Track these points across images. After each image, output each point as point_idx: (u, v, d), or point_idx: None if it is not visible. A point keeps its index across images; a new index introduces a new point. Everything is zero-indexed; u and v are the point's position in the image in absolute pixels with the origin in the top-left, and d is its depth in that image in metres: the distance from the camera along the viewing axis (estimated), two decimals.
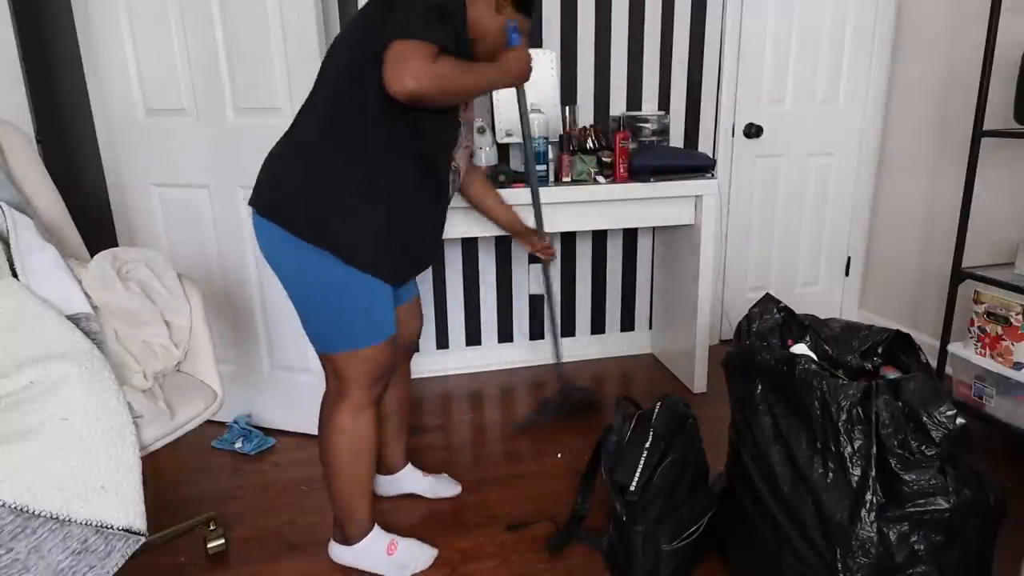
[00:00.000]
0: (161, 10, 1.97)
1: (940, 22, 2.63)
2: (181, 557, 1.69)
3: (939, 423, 1.22)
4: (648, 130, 2.59)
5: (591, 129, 2.46)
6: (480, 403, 2.54)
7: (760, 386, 1.44)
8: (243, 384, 2.29)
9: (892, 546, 1.25)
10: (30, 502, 1.04)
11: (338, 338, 1.42)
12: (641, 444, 1.55)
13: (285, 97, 1.92)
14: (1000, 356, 2.04)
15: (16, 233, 1.34)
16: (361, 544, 1.59)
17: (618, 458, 1.56)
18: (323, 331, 1.43)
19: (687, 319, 2.56)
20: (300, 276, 1.39)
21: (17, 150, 1.56)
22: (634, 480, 1.51)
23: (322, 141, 1.35)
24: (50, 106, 2.21)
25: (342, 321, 1.40)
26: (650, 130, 2.59)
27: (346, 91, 1.34)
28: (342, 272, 1.36)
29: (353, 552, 1.60)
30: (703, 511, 1.57)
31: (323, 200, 1.34)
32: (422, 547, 1.65)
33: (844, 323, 1.62)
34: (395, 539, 1.63)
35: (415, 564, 1.62)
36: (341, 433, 1.49)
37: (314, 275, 1.37)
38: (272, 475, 2.05)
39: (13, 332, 1.20)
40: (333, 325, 1.41)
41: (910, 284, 2.87)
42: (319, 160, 1.35)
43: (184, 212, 2.16)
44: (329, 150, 1.35)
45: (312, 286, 1.38)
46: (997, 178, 2.40)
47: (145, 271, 1.47)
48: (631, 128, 2.57)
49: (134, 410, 1.25)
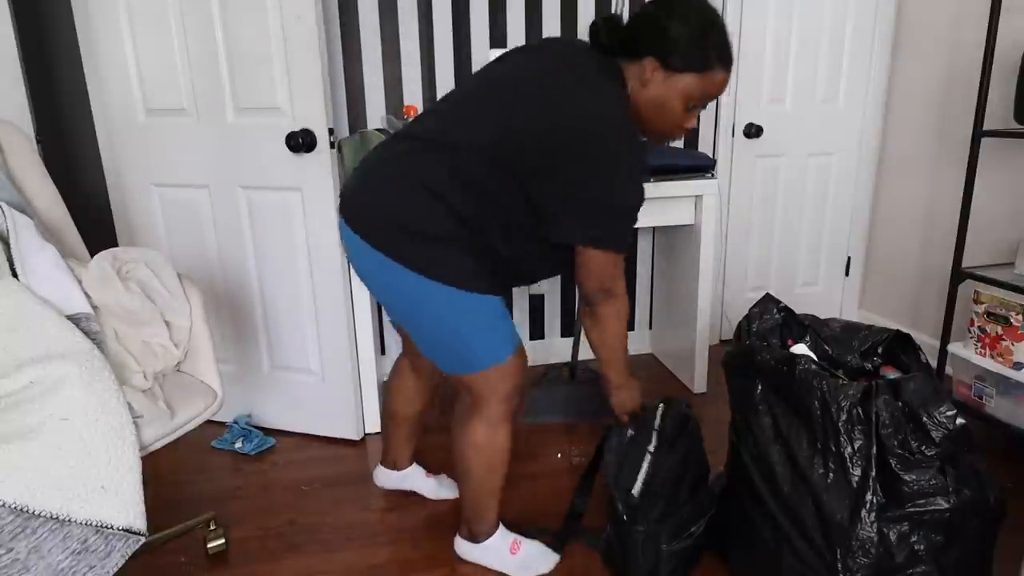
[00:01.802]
0: (161, 10, 1.97)
1: (940, 22, 2.63)
2: (181, 557, 1.69)
3: (939, 423, 1.22)
4: None
5: None
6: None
7: (760, 386, 1.44)
8: (243, 384, 2.29)
9: (892, 546, 1.25)
10: (30, 502, 1.04)
11: (481, 356, 1.40)
12: (644, 446, 1.55)
13: (285, 97, 1.92)
14: (1000, 356, 2.04)
15: (16, 233, 1.34)
16: (488, 542, 1.61)
17: (621, 460, 1.56)
18: (450, 356, 1.41)
19: (687, 319, 2.55)
20: (419, 309, 1.35)
21: (17, 150, 1.56)
22: (637, 483, 1.51)
23: (450, 188, 1.28)
24: (50, 106, 2.21)
25: (468, 344, 1.38)
26: None
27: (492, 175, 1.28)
28: (458, 298, 1.32)
29: (480, 549, 1.62)
30: (703, 511, 1.57)
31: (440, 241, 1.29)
32: (544, 550, 1.64)
33: (844, 323, 1.62)
34: (518, 539, 1.64)
35: (538, 566, 1.61)
36: (477, 448, 1.48)
37: (432, 307, 1.33)
38: (272, 475, 2.05)
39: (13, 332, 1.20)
40: (460, 349, 1.39)
41: (910, 284, 2.87)
42: (446, 206, 1.28)
43: (184, 212, 2.16)
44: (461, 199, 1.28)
45: (432, 317, 1.35)
46: (997, 178, 2.40)
47: (145, 271, 1.47)
48: None
49: (134, 410, 1.25)
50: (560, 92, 1.26)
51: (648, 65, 1.28)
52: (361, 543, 1.72)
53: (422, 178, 1.29)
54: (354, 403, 2.19)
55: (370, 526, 1.80)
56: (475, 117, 1.30)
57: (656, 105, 1.31)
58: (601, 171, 1.25)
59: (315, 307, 2.12)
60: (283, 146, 1.94)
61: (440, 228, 1.29)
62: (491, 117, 1.28)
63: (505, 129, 1.26)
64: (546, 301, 2.86)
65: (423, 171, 1.29)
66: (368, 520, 1.82)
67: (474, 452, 1.48)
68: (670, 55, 1.26)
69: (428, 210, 1.28)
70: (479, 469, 1.50)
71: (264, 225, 2.08)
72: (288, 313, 2.15)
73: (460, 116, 1.32)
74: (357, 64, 2.44)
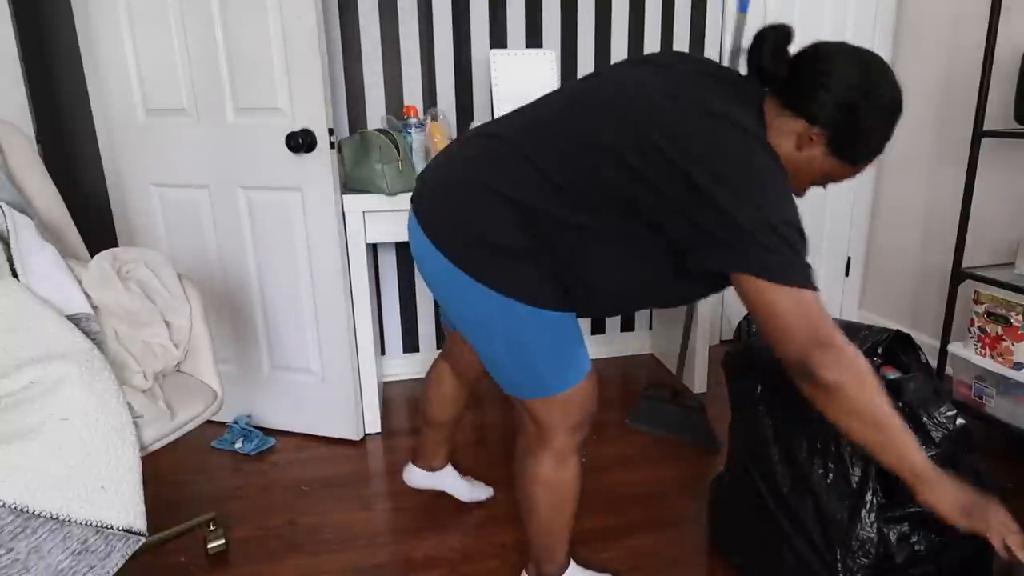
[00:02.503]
0: (161, 10, 1.97)
1: (940, 22, 2.63)
2: (181, 557, 1.69)
3: (939, 423, 1.22)
4: None
5: None
6: (480, 403, 2.53)
7: (760, 386, 1.44)
8: (243, 384, 2.29)
9: (892, 546, 1.25)
10: (30, 502, 1.04)
11: (550, 381, 1.25)
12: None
13: (285, 97, 1.92)
14: (1000, 356, 2.04)
15: (16, 233, 1.34)
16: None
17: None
18: (516, 377, 1.27)
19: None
20: (487, 324, 1.22)
21: (17, 150, 1.56)
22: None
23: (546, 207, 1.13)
24: (50, 106, 2.21)
25: (535, 366, 1.23)
26: None
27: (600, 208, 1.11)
28: (528, 316, 1.19)
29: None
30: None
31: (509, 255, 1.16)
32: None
33: (844, 323, 1.62)
34: (591, 574, 1.51)
35: None
36: (543, 484, 1.35)
37: (501, 323, 1.20)
38: (272, 475, 2.05)
39: (13, 332, 1.20)
40: (527, 370, 1.24)
41: (910, 284, 2.87)
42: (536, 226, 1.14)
43: (184, 212, 2.16)
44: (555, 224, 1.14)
45: (499, 334, 1.22)
46: (997, 178, 2.40)
47: (145, 271, 1.47)
48: None
49: (134, 410, 1.25)
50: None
51: (816, 135, 1.11)
52: (361, 543, 1.72)
53: (507, 187, 1.14)
54: (354, 403, 2.19)
55: (370, 526, 1.80)
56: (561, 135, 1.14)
57: (796, 170, 1.15)
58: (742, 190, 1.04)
59: (315, 307, 2.12)
60: (283, 146, 1.94)
61: (516, 241, 1.14)
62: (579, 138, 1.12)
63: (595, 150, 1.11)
64: None
65: (510, 178, 1.15)
66: (368, 520, 1.82)
67: (542, 489, 1.35)
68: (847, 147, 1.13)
69: (505, 221, 1.14)
70: (547, 507, 1.36)
71: (264, 225, 2.08)
72: (288, 313, 2.15)
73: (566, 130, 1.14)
74: (357, 64, 2.44)
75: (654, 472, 2.03)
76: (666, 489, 1.94)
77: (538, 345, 1.21)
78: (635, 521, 1.80)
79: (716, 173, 1.03)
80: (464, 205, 1.17)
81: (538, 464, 1.34)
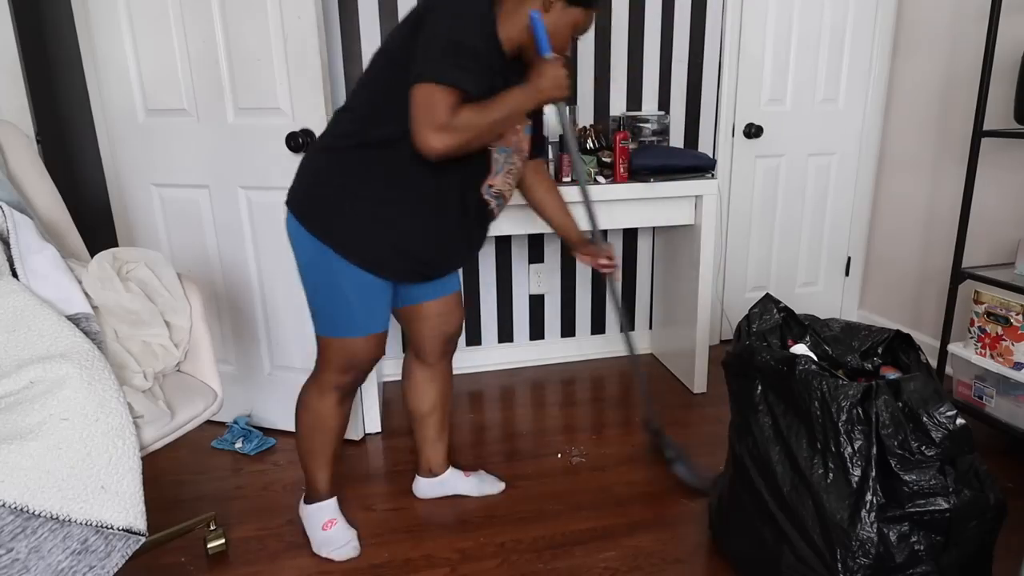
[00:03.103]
0: (161, 10, 1.97)
1: (940, 22, 2.63)
2: (181, 557, 1.69)
3: (939, 423, 1.22)
4: (648, 130, 2.59)
5: (591, 129, 2.46)
6: (480, 403, 2.54)
7: (760, 386, 1.44)
8: (243, 384, 2.29)
9: (892, 546, 1.25)
10: (30, 502, 1.04)
11: (321, 322, 1.53)
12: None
13: (285, 97, 1.92)
14: (1000, 356, 2.04)
15: (16, 233, 1.34)
16: (310, 507, 1.72)
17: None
18: (314, 312, 1.54)
19: (687, 319, 2.56)
20: (306, 263, 1.49)
21: (17, 150, 1.56)
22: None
23: (342, 148, 1.43)
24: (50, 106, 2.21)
25: (325, 308, 1.51)
26: (650, 130, 2.59)
27: (381, 103, 1.39)
28: (333, 263, 1.44)
29: (304, 511, 1.74)
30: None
31: (330, 196, 1.43)
32: (350, 542, 1.68)
33: (844, 323, 1.62)
34: (336, 520, 1.71)
35: (336, 551, 1.66)
36: (305, 408, 1.62)
37: (312, 264, 1.47)
38: (272, 475, 2.05)
39: (13, 332, 1.20)
40: (319, 310, 1.52)
41: (910, 284, 2.87)
42: (335, 162, 1.44)
43: (184, 212, 2.16)
44: (351, 157, 1.42)
45: (312, 273, 1.49)
46: (997, 178, 2.40)
47: (145, 271, 1.47)
48: (631, 128, 2.57)
49: (134, 410, 1.25)
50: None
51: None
52: (362, 543, 1.72)
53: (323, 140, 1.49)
54: (354, 403, 2.19)
55: (370, 526, 1.80)
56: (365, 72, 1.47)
57: (554, 27, 1.41)
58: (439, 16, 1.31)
59: None
60: (283, 146, 1.94)
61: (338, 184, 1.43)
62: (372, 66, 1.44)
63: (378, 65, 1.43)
64: (546, 301, 2.86)
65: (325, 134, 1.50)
66: (368, 520, 1.82)
67: (303, 412, 1.63)
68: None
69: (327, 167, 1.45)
70: (304, 428, 1.63)
71: (264, 225, 2.08)
72: (288, 313, 2.15)
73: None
74: (357, 64, 2.44)
75: (654, 472, 2.03)
76: (666, 489, 1.94)
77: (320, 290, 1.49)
78: (635, 521, 1.80)
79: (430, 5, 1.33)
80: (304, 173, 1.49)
81: (306, 391, 1.62)
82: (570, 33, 1.46)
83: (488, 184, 1.51)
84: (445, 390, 1.83)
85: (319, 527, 1.69)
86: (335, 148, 1.45)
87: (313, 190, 1.46)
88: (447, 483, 1.90)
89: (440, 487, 1.90)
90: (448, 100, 1.27)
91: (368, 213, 1.42)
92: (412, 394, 1.83)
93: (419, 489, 1.92)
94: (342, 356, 1.53)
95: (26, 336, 1.20)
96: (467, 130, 1.30)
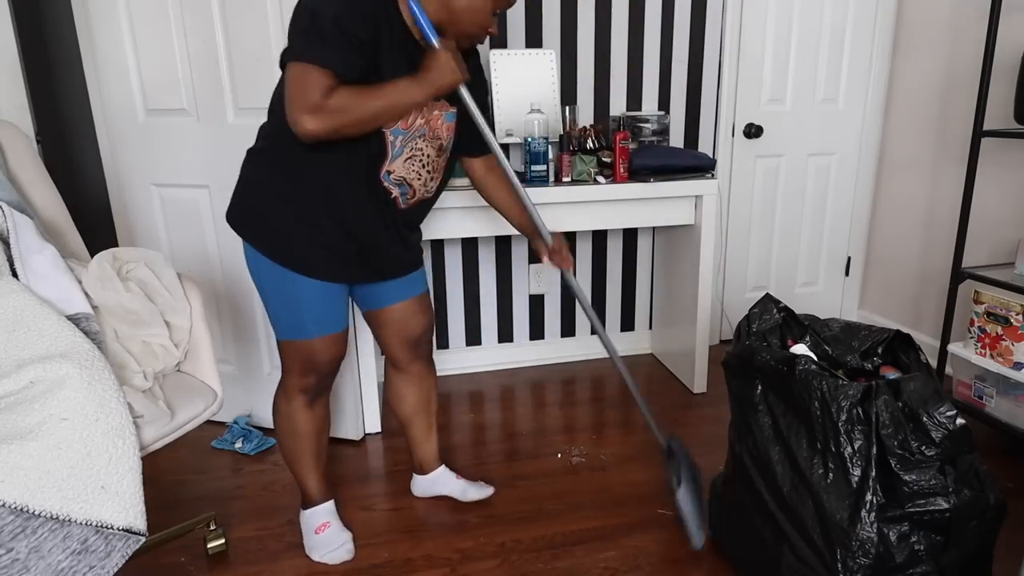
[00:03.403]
0: (161, 10, 1.97)
1: (940, 22, 2.63)
2: (181, 557, 1.69)
3: (939, 423, 1.22)
4: (648, 130, 2.59)
5: (591, 129, 2.46)
6: (480, 403, 2.54)
7: (760, 386, 1.44)
8: (243, 384, 2.29)
9: (892, 546, 1.25)
10: (30, 502, 1.04)
11: (276, 326, 1.54)
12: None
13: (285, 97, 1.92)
14: (1000, 356, 2.04)
15: (16, 233, 1.34)
16: (305, 512, 1.73)
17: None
18: (270, 318, 1.55)
19: (687, 319, 2.56)
20: (252, 270, 1.50)
21: (17, 150, 1.56)
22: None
23: (259, 149, 1.46)
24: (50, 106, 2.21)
25: (278, 313, 1.51)
26: (650, 130, 2.59)
27: (279, 100, 1.36)
28: (275, 269, 1.45)
29: (301, 517, 1.74)
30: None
31: (256, 204, 1.45)
32: (343, 545, 1.68)
33: (844, 323, 1.62)
34: (329, 524, 1.70)
35: (328, 555, 1.66)
36: (277, 414, 1.63)
37: (257, 270, 1.49)
38: (272, 475, 2.05)
39: (13, 332, 1.20)
40: (273, 315, 1.53)
41: (910, 284, 2.87)
42: (255, 167, 1.46)
43: (184, 212, 2.16)
44: (264, 159, 1.44)
45: (259, 280, 1.50)
46: (997, 178, 2.40)
47: (145, 271, 1.47)
48: (631, 128, 2.57)
49: (134, 410, 1.25)
50: None
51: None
52: (361, 543, 1.72)
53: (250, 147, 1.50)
54: (354, 403, 2.19)
55: (370, 526, 1.80)
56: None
57: (471, 10, 1.36)
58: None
59: None
60: None
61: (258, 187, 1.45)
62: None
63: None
64: (546, 301, 2.86)
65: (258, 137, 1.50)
66: (368, 520, 1.82)
67: (277, 418, 1.64)
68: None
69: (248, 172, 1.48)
70: (282, 435, 1.65)
71: None
72: None
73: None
74: None
75: (654, 472, 2.03)
76: (666, 489, 1.93)
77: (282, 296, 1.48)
78: (635, 521, 1.80)
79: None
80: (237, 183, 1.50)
81: (276, 398, 1.62)
82: (491, 8, 1.38)
83: (386, 170, 1.42)
84: (426, 392, 1.82)
85: (312, 531, 1.69)
86: (255, 151, 1.47)
87: (242, 200, 1.47)
88: (438, 481, 1.90)
89: (432, 485, 1.91)
90: (322, 81, 1.22)
91: (290, 214, 1.41)
92: (394, 399, 1.83)
93: (415, 487, 1.93)
94: (299, 358, 1.53)
95: (26, 336, 1.20)
96: (342, 113, 1.23)
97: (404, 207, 1.50)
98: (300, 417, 1.60)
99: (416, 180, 1.47)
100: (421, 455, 1.89)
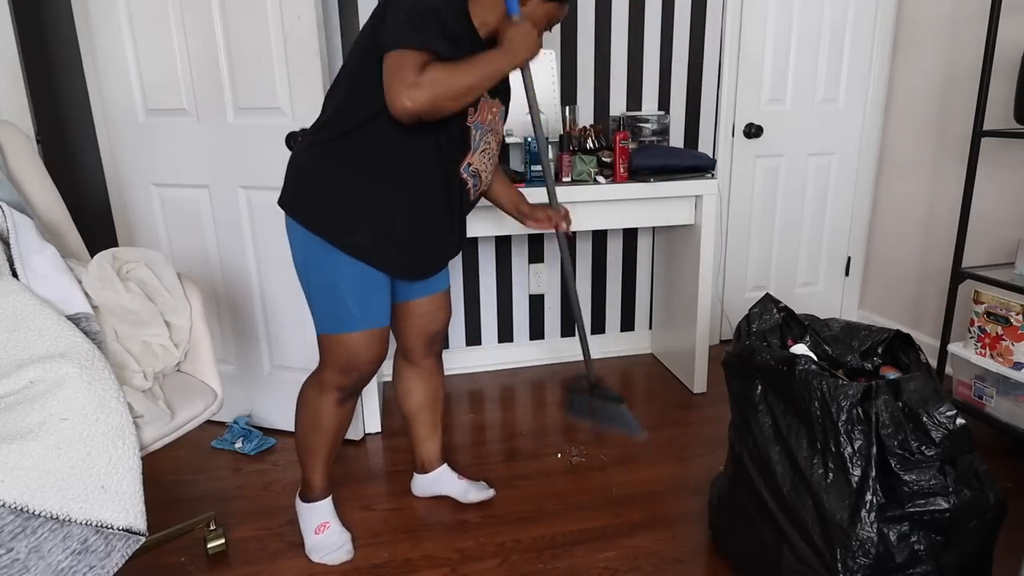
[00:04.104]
0: (161, 10, 1.97)
1: (940, 22, 2.63)
2: (181, 557, 1.69)
3: (939, 423, 1.22)
4: (648, 130, 2.59)
5: (591, 129, 2.46)
6: (480, 403, 2.54)
7: (760, 386, 1.44)
8: (243, 384, 2.29)
9: (892, 546, 1.25)
10: (30, 502, 1.04)
11: (321, 321, 1.53)
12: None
13: (285, 97, 1.92)
14: (1000, 356, 2.04)
15: (16, 233, 1.34)
16: (305, 506, 1.72)
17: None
18: (313, 311, 1.54)
19: (687, 319, 2.56)
20: (301, 260, 1.50)
21: (17, 150, 1.56)
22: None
23: (329, 138, 1.43)
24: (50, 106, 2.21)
25: (324, 306, 1.50)
26: (650, 130, 2.59)
27: (355, 89, 1.40)
28: (328, 258, 1.45)
29: (300, 509, 1.73)
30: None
31: (319, 190, 1.44)
32: (343, 546, 1.67)
33: (844, 323, 1.62)
34: (329, 524, 1.70)
35: (328, 556, 1.66)
36: (304, 404, 1.62)
37: (307, 260, 1.48)
38: (272, 475, 2.05)
39: (13, 332, 1.20)
40: (318, 309, 1.52)
41: (910, 284, 2.87)
42: (322, 157, 1.44)
43: (184, 212, 2.16)
44: (333, 149, 1.43)
45: (308, 270, 1.49)
46: (997, 178, 2.40)
47: (145, 271, 1.47)
48: (631, 128, 2.57)
49: (134, 410, 1.25)
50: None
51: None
52: (361, 543, 1.72)
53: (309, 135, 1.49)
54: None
55: (370, 526, 1.80)
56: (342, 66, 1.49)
57: (532, 19, 1.45)
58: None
59: None
60: (283, 146, 1.94)
61: (326, 174, 1.44)
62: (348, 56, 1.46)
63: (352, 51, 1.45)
64: (546, 301, 2.86)
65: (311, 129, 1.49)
66: (368, 520, 1.82)
67: (302, 407, 1.63)
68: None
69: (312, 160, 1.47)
70: (302, 424, 1.63)
71: (264, 225, 2.08)
72: (288, 313, 2.14)
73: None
74: None
75: (654, 472, 2.03)
76: (666, 489, 1.94)
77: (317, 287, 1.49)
78: (635, 521, 1.80)
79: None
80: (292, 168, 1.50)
81: (308, 388, 1.61)
82: (544, 24, 1.49)
83: (467, 162, 1.51)
84: (434, 388, 1.83)
85: (312, 531, 1.69)
86: (317, 143, 1.46)
87: (300, 186, 1.47)
88: (439, 481, 1.90)
89: (433, 485, 1.91)
90: (416, 60, 1.27)
91: (355, 199, 1.43)
92: (401, 393, 1.84)
93: (415, 486, 1.93)
94: (342, 354, 1.52)
95: (26, 336, 1.20)
96: (436, 84, 1.27)
97: (472, 197, 1.59)
98: (327, 412, 1.59)
99: (484, 171, 1.58)
100: (424, 453, 1.88)
